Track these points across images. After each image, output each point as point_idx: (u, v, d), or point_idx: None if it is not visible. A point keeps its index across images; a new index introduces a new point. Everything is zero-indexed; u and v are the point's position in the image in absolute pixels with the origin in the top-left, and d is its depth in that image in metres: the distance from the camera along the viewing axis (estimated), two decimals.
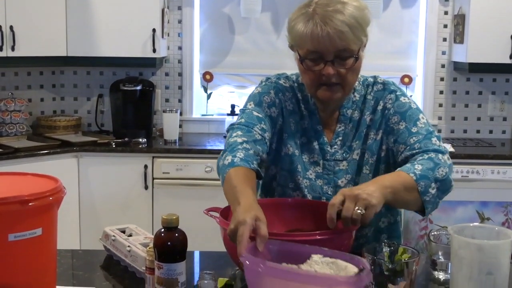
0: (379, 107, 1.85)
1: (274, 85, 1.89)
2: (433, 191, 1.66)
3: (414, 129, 1.78)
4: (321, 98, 1.79)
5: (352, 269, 1.30)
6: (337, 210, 1.48)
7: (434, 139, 1.76)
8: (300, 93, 1.89)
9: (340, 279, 1.26)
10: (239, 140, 1.73)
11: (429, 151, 1.72)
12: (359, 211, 1.46)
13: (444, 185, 1.70)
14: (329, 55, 1.70)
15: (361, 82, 1.89)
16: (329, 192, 1.84)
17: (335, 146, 1.85)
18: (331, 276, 1.30)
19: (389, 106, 1.84)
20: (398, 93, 1.86)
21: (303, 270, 1.32)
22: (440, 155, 1.71)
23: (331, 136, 1.87)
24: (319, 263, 1.34)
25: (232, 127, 1.82)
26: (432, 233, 1.71)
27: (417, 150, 1.73)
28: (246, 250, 1.31)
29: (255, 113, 1.82)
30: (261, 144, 1.75)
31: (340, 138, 1.86)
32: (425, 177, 1.64)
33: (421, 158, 1.70)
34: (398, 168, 1.69)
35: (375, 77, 1.91)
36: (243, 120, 1.81)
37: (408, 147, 1.75)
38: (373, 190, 1.50)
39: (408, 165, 1.68)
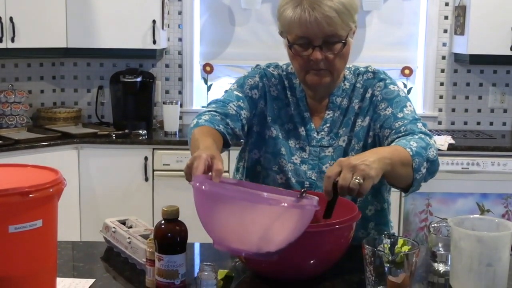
0: (368, 95, 1.87)
1: (261, 71, 1.94)
2: (423, 170, 1.62)
3: (400, 115, 1.77)
4: (309, 83, 1.81)
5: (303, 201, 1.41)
6: (333, 182, 1.43)
7: (419, 124, 1.74)
8: (288, 81, 1.93)
9: (282, 199, 1.34)
10: (209, 109, 1.81)
11: (416, 133, 1.70)
12: (356, 180, 1.40)
13: (433, 167, 1.67)
14: (317, 40, 1.73)
15: (352, 72, 1.91)
16: (313, 177, 1.85)
17: (322, 133, 1.88)
18: (275, 196, 1.36)
19: (377, 93, 1.85)
20: (387, 81, 1.87)
21: (250, 190, 1.40)
22: (427, 138, 1.69)
23: (319, 123, 1.89)
24: None
25: (210, 102, 1.87)
26: (432, 225, 1.71)
27: (403, 133, 1.71)
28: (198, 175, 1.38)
29: (235, 92, 1.87)
30: (233, 119, 1.79)
31: (328, 125, 1.88)
32: (419, 155, 1.61)
33: (412, 137, 1.67)
34: (394, 143, 1.66)
35: (367, 67, 1.93)
36: (221, 97, 1.87)
37: (394, 131, 1.74)
38: (372, 161, 1.45)
39: (403, 140, 1.65)
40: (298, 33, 1.73)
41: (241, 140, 1.92)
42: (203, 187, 1.36)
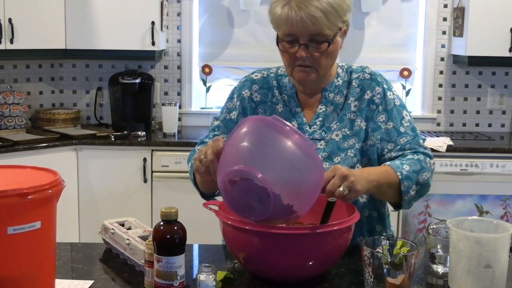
0: (366, 96, 1.91)
1: (240, 85, 2.01)
2: (412, 193, 1.79)
3: (402, 129, 1.88)
4: (296, 78, 1.88)
5: None
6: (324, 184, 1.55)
7: (421, 141, 1.89)
8: (276, 81, 1.98)
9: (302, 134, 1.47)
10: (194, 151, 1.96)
11: (419, 153, 1.85)
12: (341, 189, 1.56)
13: (423, 189, 1.83)
14: (302, 39, 1.78)
15: (344, 70, 1.96)
16: None
17: (314, 126, 1.91)
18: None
19: (377, 101, 1.90)
20: (385, 86, 1.92)
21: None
22: (428, 159, 1.85)
23: (311, 117, 1.93)
24: None
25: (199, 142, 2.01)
26: (431, 227, 1.72)
27: (407, 151, 1.85)
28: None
29: (215, 123, 1.99)
30: None
31: (320, 119, 1.91)
32: (409, 179, 1.77)
33: (411, 157, 1.82)
34: (388, 163, 1.80)
35: (363, 67, 1.97)
36: (207, 140, 1.96)
37: (399, 147, 1.86)
38: (361, 178, 1.63)
39: (397, 162, 1.79)
40: (285, 31, 1.79)
41: None
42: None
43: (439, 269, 1.67)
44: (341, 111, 1.91)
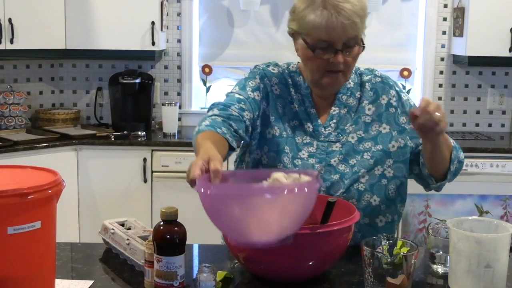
0: (383, 101, 1.92)
1: (261, 71, 1.95)
2: (454, 165, 1.85)
3: None
4: (325, 84, 1.84)
5: (304, 178, 1.44)
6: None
7: None
8: (291, 79, 1.94)
9: (284, 186, 1.40)
10: (210, 113, 1.80)
11: None
12: (439, 114, 1.62)
13: (459, 167, 1.88)
14: (339, 44, 1.76)
15: (353, 71, 1.95)
16: (321, 171, 1.86)
17: (329, 128, 1.90)
18: (276, 185, 1.42)
19: (394, 104, 1.92)
20: (397, 89, 1.96)
21: (247, 185, 1.44)
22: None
23: (325, 119, 1.92)
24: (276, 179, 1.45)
25: (211, 106, 1.86)
26: (431, 227, 1.72)
27: None
28: (200, 180, 1.36)
29: (237, 95, 1.86)
30: (236, 121, 1.78)
31: (334, 120, 1.91)
32: (456, 149, 1.85)
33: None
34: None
35: (371, 70, 1.98)
36: (223, 101, 1.86)
37: None
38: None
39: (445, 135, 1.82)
40: (323, 37, 1.75)
41: (242, 142, 1.91)
42: (208, 191, 1.34)
43: (439, 269, 1.67)
44: (355, 113, 1.92)
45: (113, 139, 3.95)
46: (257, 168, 1.92)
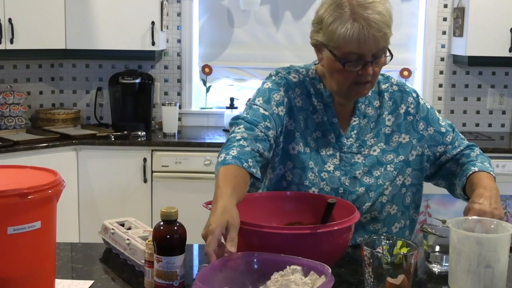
0: (401, 110, 1.91)
1: (284, 81, 1.87)
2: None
3: (442, 129, 1.95)
4: (353, 95, 1.82)
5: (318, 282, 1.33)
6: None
7: (460, 134, 2.01)
8: (312, 87, 1.89)
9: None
10: (238, 136, 1.71)
11: (468, 147, 1.97)
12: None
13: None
14: (369, 56, 1.72)
15: None
16: (346, 183, 1.84)
17: (351, 139, 1.87)
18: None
19: (412, 112, 1.92)
20: (414, 95, 1.94)
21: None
22: (476, 149, 1.97)
23: (346, 128, 1.89)
24: (275, 282, 1.37)
25: (236, 121, 1.78)
26: (425, 226, 1.72)
27: (461, 148, 1.95)
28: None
29: (262, 111, 1.79)
30: (262, 142, 1.72)
31: (355, 131, 1.88)
32: (493, 170, 1.92)
33: (474, 154, 1.93)
34: (476, 169, 1.86)
35: (386, 77, 1.95)
36: (248, 116, 1.78)
37: (450, 146, 1.94)
38: (498, 202, 1.79)
39: (479, 164, 1.88)
40: (354, 50, 1.70)
41: None
42: None
43: (435, 268, 1.67)
44: (376, 124, 1.89)
45: (113, 139, 3.95)
46: (281, 183, 1.87)
